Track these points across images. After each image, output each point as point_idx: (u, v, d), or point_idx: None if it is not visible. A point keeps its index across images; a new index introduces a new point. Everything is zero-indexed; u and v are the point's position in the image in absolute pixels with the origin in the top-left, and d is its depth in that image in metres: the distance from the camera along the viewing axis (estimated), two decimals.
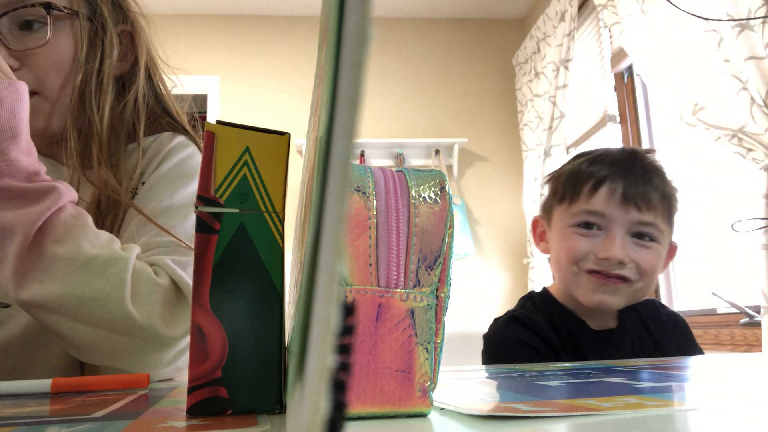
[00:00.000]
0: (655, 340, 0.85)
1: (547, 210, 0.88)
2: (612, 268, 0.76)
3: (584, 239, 0.78)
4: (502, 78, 3.17)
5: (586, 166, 0.81)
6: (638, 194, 0.77)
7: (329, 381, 0.10)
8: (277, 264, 0.31)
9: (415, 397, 0.27)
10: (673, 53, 1.67)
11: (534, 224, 0.92)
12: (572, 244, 0.79)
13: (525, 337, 0.81)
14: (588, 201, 0.78)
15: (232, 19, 3.10)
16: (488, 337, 0.87)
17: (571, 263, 0.79)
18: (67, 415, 0.30)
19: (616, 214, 0.77)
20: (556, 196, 0.85)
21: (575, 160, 0.86)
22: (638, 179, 0.78)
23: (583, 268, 0.79)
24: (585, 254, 0.78)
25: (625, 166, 0.79)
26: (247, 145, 0.31)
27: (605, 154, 0.83)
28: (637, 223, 0.77)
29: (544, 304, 0.87)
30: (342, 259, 0.10)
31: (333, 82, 0.11)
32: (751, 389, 0.34)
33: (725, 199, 1.79)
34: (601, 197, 0.78)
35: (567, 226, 0.81)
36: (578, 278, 0.80)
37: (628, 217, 0.77)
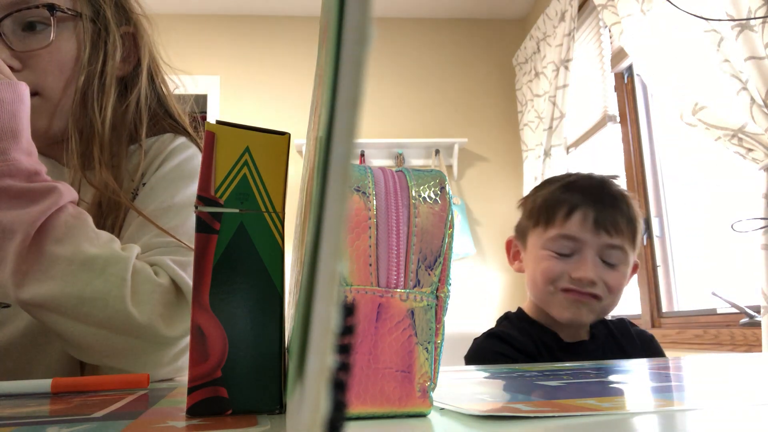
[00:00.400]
0: (624, 352, 0.92)
1: (521, 233, 0.95)
2: (584, 286, 0.84)
3: (559, 261, 0.86)
4: (502, 78, 3.17)
5: (560, 193, 0.88)
6: (608, 220, 0.84)
7: (329, 381, 0.10)
8: (277, 264, 0.31)
9: (415, 397, 0.27)
10: (673, 53, 1.67)
11: (508, 245, 0.99)
12: (548, 266, 0.86)
13: (503, 350, 0.87)
14: (562, 226, 0.85)
15: (232, 19, 3.10)
16: (469, 355, 0.92)
17: (548, 283, 0.86)
18: (67, 415, 0.30)
19: (589, 238, 0.84)
20: (531, 219, 0.91)
21: (547, 186, 0.93)
22: (608, 206, 0.85)
23: (558, 287, 0.86)
24: (560, 275, 0.85)
25: (595, 193, 0.87)
26: (247, 145, 0.31)
27: (576, 181, 0.90)
28: (606, 247, 0.85)
29: (519, 321, 0.93)
30: (342, 259, 0.10)
31: (333, 82, 0.11)
32: (751, 389, 0.34)
33: (725, 199, 1.79)
34: (575, 222, 0.85)
35: (542, 249, 0.88)
36: (554, 296, 0.87)
37: (599, 241, 0.85)
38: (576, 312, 0.85)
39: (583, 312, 0.86)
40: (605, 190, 0.88)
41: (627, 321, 0.98)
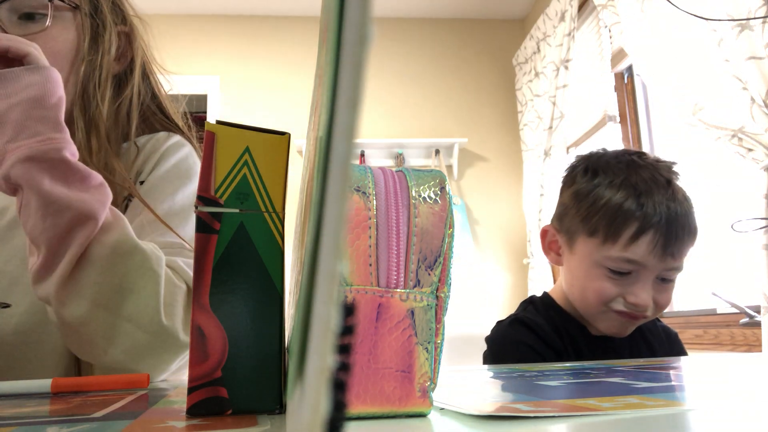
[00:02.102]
0: (651, 348, 0.88)
1: (568, 231, 0.85)
2: (639, 311, 0.79)
3: (615, 283, 0.79)
4: (502, 78, 3.17)
5: (628, 205, 0.77)
6: (677, 245, 0.77)
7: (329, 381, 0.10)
8: (277, 264, 0.31)
9: (415, 397, 0.27)
10: (673, 53, 1.67)
11: (543, 233, 0.90)
12: (603, 287, 0.79)
13: (528, 339, 0.82)
14: (627, 248, 0.77)
15: (232, 19, 3.10)
16: (491, 339, 0.88)
17: (601, 304, 0.80)
18: (67, 415, 0.30)
19: (653, 264, 0.77)
20: (585, 224, 0.81)
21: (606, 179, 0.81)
22: (679, 228, 0.77)
23: (611, 308, 0.80)
24: (615, 297, 0.79)
25: (667, 210, 0.77)
26: (247, 145, 0.31)
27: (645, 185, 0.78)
28: (669, 270, 0.79)
29: (545, 308, 0.88)
30: (342, 259, 0.10)
31: (333, 82, 0.11)
32: (751, 389, 0.34)
33: (725, 199, 1.79)
34: (642, 248, 0.76)
35: (597, 265, 0.79)
36: (605, 314, 0.81)
37: (662, 266, 0.78)
38: (623, 329, 0.82)
39: (629, 329, 0.82)
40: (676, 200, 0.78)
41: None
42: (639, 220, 0.76)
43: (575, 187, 0.84)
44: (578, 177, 0.85)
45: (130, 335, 0.53)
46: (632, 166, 0.81)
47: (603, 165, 0.83)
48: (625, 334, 0.83)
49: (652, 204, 0.77)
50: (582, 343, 0.84)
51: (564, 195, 0.87)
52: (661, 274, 0.79)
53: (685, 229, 0.78)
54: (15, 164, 0.49)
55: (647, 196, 0.77)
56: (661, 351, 0.89)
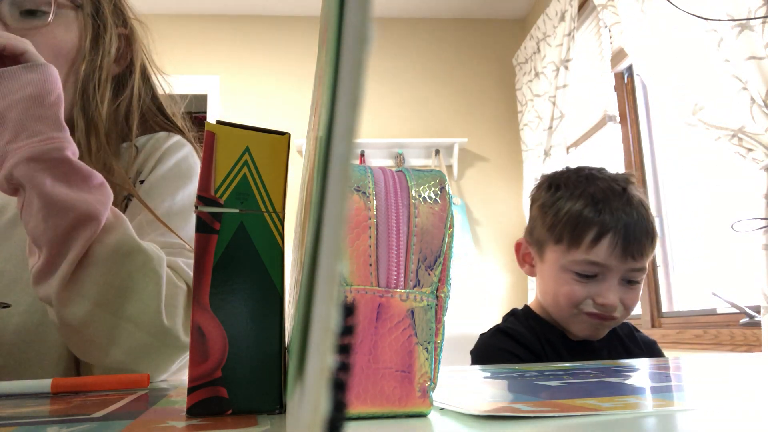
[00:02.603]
0: (628, 351, 0.93)
1: (537, 242, 0.92)
2: (608, 311, 0.84)
3: (582, 285, 0.85)
4: (502, 78, 3.17)
5: (587, 213, 0.84)
6: (636, 246, 0.83)
7: (329, 381, 0.10)
8: (277, 264, 0.31)
9: (415, 397, 0.27)
10: (673, 53, 1.67)
11: (518, 247, 0.97)
12: (572, 290, 0.85)
13: (509, 346, 0.87)
14: (589, 251, 0.83)
15: (232, 19, 3.10)
16: (475, 351, 0.92)
17: (571, 307, 0.86)
18: (67, 415, 0.30)
19: (615, 265, 0.83)
20: (551, 234, 0.87)
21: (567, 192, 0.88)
22: (636, 230, 0.84)
23: (582, 311, 0.85)
24: (584, 299, 0.85)
25: (624, 213, 0.84)
26: (247, 145, 0.31)
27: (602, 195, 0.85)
28: (630, 270, 0.84)
29: (526, 318, 0.93)
30: (342, 259, 0.10)
31: (333, 82, 0.11)
32: (751, 389, 0.34)
33: (725, 199, 1.79)
34: (603, 249, 0.83)
35: (564, 270, 0.86)
36: (577, 317, 0.87)
37: (625, 266, 0.84)
38: (594, 331, 0.87)
39: (603, 331, 0.88)
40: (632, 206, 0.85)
41: (632, 326, 0.99)
42: (598, 225, 0.83)
43: (540, 201, 0.92)
44: (543, 192, 0.93)
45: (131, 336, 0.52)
46: (590, 178, 0.89)
47: (564, 180, 0.91)
48: (599, 337, 0.88)
49: (609, 210, 0.84)
50: (562, 348, 0.89)
51: (532, 209, 0.95)
52: (625, 275, 0.84)
53: (643, 232, 0.84)
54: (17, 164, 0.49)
55: (604, 203, 0.84)
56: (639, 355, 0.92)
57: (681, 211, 2.07)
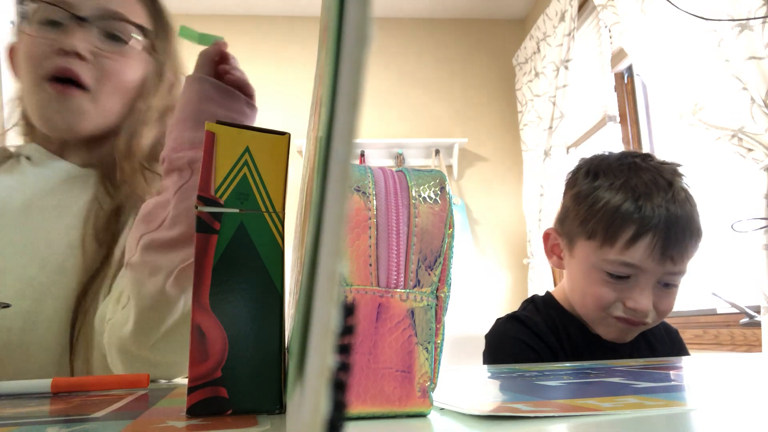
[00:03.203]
0: (652, 348, 0.87)
1: (568, 234, 0.84)
2: (638, 316, 0.77)
3: (613, 287, 0.78)
4: (502, 78, 3.17)
5: (625, 208, 0.76)
6: (676, 249, 0.75)
7: (329, 381, 0.10)
8: (277, 264, 0.31)
9: (415, 397, 0.27)
10: (673, 53, 1.67)
11: (546, 236, 0.90)
12: (602, 292, 0.78)
13: (523, 335, 0.83)
14: (624, 252, 0.75)
15: (232, 19, 3.10)
16: (489, 335, 0.89)
17: (599, 309, 0.79)
18: (67, 415, 0.30)
19: (651, 268, 0.76)
20: (584, 228, 0.80)
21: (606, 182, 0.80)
22: (679, 232, 0.75)
23: (610, 314, 0.79)
24: (614, 302, 0.78)
25: (667, 210, 0.75)
26: (247, 145, 0.31)
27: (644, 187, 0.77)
28: (667, 274, 0.77)
29: (545, 307, 0.88)
30: (342, 259, 0.10)
31: (333, 82, 0.11)
32: (751, 389, 0.34)
33: (725, 199, 1.79)
34: (640, 251, 0.75)
35: (596, 269, 0.79)
36: (605, 320, 0.80)
37: (662, 269, 0.76)
38: (622, 335, 0.81)
39: (631, 335, 0.82)
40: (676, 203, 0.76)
41: None
42: (636, 223, 0.75)
43: (576, 189, 0.84)
44: (580, 179, 0.84)
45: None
46: (633, 168, 0.80)
47: (605, 167, 0.82)
48: (626, 341, 0.82)
49: (650, 206, 0.75)
50: (581, 342, 0.84)
51: (566, 197, 0.87)
52: (661, 279, 0.77)
53: (686, 232, 0.76)
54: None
55: (646, 198, 0.76)
56: (663, 350, 0.88)
57: None
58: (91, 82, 0.67)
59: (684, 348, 0.92)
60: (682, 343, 0.92)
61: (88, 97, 0.68)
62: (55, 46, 0.66)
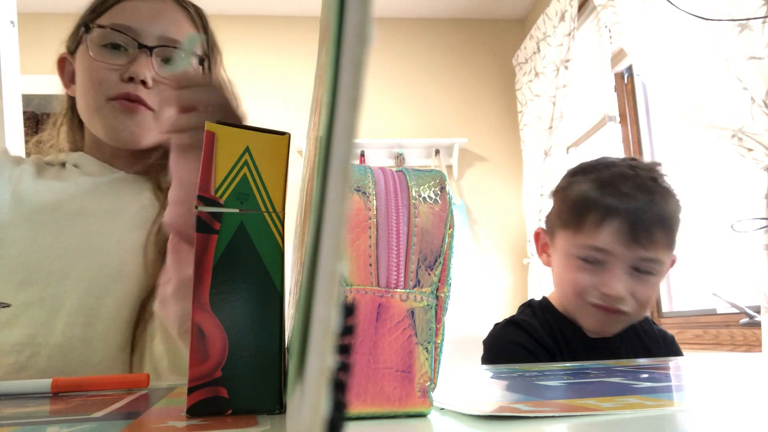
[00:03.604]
0: (648, 351, 0.89)
1: (550, 228, 0.89)
2: (613, 303, 0.79)
3: (587, 273, 0.81)
4: (502, 78, 3.17)
5: (593, 193, 0.80)
6: (643, 233, 0.78)
7: (329, 381, 0.10)
8: (277, 264, 0.31)
9: (415, 397, 0.27)
10: (673, 53, 1.67)
11: (536, 236, 0.94)
12: (577, 278, 0.81)
13: (521, 340, 0.84)
14: (593, 236, 0.79)
15: (232, 19, 3.10)
16: (487, 341, 0.90)
17: (576, 296, 0.82)
18: (67, 415, 0.30)
19: (620, 252, 0.78)
20: (560, 218, 0.85)
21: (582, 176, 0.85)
22: (644, 215, 0.78)
23: (587, 301, 0.81)
24: (589, 288, 0.81)
25: (632, 197, 0.79)
26: (247, 145, 0.31)
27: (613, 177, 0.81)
28: (639, 260, 0.79)
29: (542, 311, 0.90)
30: (342, 259, 0.10)
31: (333, 82, 0.11)
32: (750, 389, 0.34)
33: (725, 199, 1.79)
34: (606, 234, 0.78)
35: (571, 256, 0.82)
36: (585, 309, 0.83)
37: (631, 254, 0.78)
38: (603, 326, 0.83)
39: (612, 326, 0.83)
40: (644, 191, 0.80)
41: (650, 319, 0.95)
42: (602, 207, 0.79)
43: (557, 186, 0.89)
44: (563, 179, 0.90)
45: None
46: (610, 165, 0.84)
47: (585, 166, 0.87)
48: (611, 332, 0.84)
49: (617, 192, 0.79)
50: (578, 345, 0.85)
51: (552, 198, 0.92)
52: (634, 265, 0.79)
53: (655, 219, 0.78)
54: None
55: (613, 186, 0.80)
56: (658, 355, 0.90)
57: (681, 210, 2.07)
58: (154, 105, 0.72)
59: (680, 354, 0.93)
60: (678, 348, 0.94)
61: (152, 115, 0.72)
62: (122, 73, 0.70)
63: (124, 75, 0.69)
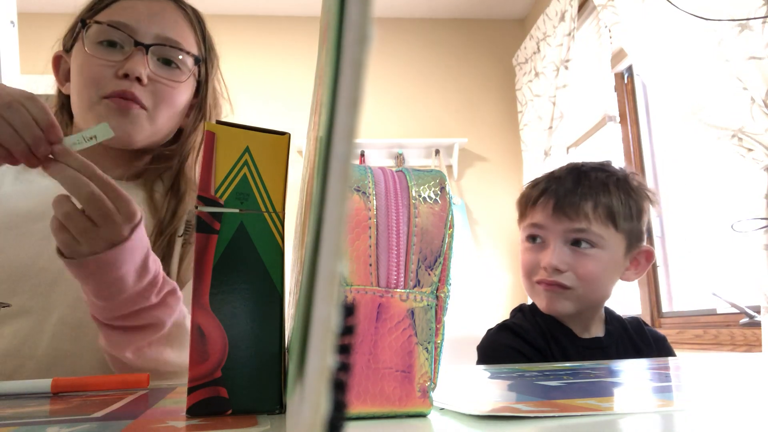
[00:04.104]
0: (638, 350, 0.91)
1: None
2: (551, 275, 0.84)
3: (531, 252, 0.88)
4: (502, 78, 3.17)
5: (537, 182, 0.91)
6: (568, 204, 0.84)
7: (329, 381, 0.10)
8: (277, 264, 0.31)
9: (415, 397, 0.27)
10: (673, 53, 1.67)
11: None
12: (524, 258, 0.89)
13: (514, 343, 0.86)
14: (530, 215, 0.89)
15: (232, 19, 3.10)
16: (481, 347, 0.91)
17: (526, 277, 0.89)
18: (67, 415, 0.30)
19: (550, 224, 0.86)
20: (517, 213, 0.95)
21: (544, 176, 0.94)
22: (569, 191, 0.85)
23: (534, 280, 0.87)
24: (534, 265, 0.87)
25: (558, 181, 0.88)
26: (247, 145, 0.31)
27: (549, 174, 0.91)
28: (571, 231, 0.85)
29: (533, 315, 0.92)
30: (342, 259, 0.10)
31: (333, 82, 0.11)
32: (750, 389, 0.34)
33: (725, 199, 1.79)
34: (538, 210, 0.87)
35: (521, 242, 0.92)
36: (533, 289, 0.89)
37: (561, 226, 0.85)
38: (551, 303, 0.85)
39: (558, 303, 0.85)
40: (571, 176, 0.88)
41: (641, 320, 0.97)
42: (538, 190, 0.88)
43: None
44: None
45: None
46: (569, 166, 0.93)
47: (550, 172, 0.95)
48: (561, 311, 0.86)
49: (551, 177, 0.89)
50: (569, 346, 0.87)
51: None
52: (568, 237, 0.85)
53: (583, 195, 0.85)
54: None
55: (550, 174, 0.90)
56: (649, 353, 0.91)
57: (681, 210, 2.07)
58: (149, 104, 0.71)
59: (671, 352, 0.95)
60: (669, 349, 0.95)
61: (146, 115, 0.72)
62: (117, 69, 0.69)
63: (119, 72, 0.69)
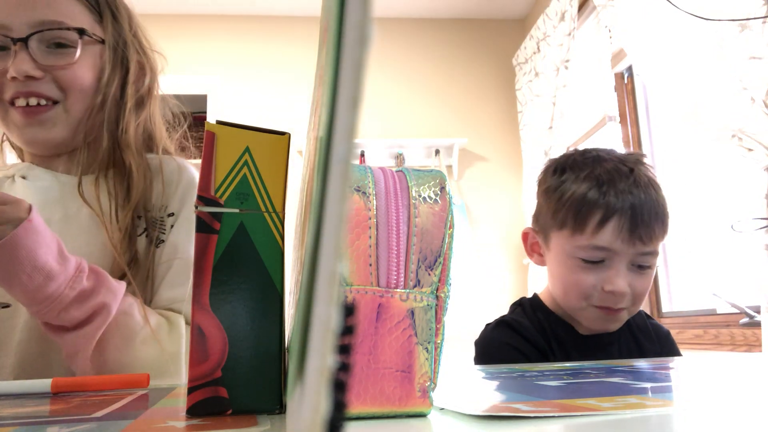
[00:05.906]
0: (641, 348, 0.89)
1: (543, 229, 0.89)
2: (617, 302, 0.80)
3: (590, 273, 0.81)
4: (502, 78, 3.17)
5: (591, 195, 0.81)
6: (644, 229, 0.79)
7: (329, 381, 0.10)
8: (277, 264, 0.31)
9: (415, 397, 0.27)
10: (673, 53, 1.67)
11: (524, 236, 0.93)
12: (579, 279, 0.81)
13: (512, 341, 0.84)
14: (594, 236, 0.80)
15: (232, 19, 3.10)
16: (479, 342, 0.90)
17: (581, 299, 0.82)
18: (67, 415, 0.30)
19: (622, 249, 0.79)
20: (555, 220, 0.84)
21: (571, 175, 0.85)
22: (644, 212, 0.80)
23: (590, 303, 0.81)
24: (592, 288, 0.81)
25: (631, 195, 0.80)
26: (247, 145, 0.31)
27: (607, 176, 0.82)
28: (640, 255, 0.80)
29: (533, 310, 0.90)
30: (342, 259, 0.10)
31: (333, 82, 0.11)
32: (750, 389, 0.34)
33: (725, 199, 1.79)
34: (608, 233, 0.79)
35: (571, 257, 0.82)
36: (587, 311, 0.83)
37: (633, 250, 0.79)
38: (605, 325, 0.83)
39: (612, 324, 0.84)
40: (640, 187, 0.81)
41: (644, 313, 0.94)
42: (603, 208, 0.79)
43: (545, 185, 0.88)
44: (548, 177, 0.89)
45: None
46: (597, 160, 0.85)
47: (570, 163, 0.87)
48: (611, 329, 0.84)
49: (614, 192, 0.80)
50: (569, 343, 0.85)
51: (538, 195, 0.91)
52: (634, 260, 0.80)
53: (651, 213, 0.80)
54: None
55: (610, 185, 0.81)
56: (652, 350, 0.89)
57: (681, 210, 2.08)
58: (56, 95, 0.68)
59: (675, 349, 0.93)
60: (672, 343, 0.93)
61: (60, 108, 0.68)
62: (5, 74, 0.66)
63: (9, 76, 0.65)
